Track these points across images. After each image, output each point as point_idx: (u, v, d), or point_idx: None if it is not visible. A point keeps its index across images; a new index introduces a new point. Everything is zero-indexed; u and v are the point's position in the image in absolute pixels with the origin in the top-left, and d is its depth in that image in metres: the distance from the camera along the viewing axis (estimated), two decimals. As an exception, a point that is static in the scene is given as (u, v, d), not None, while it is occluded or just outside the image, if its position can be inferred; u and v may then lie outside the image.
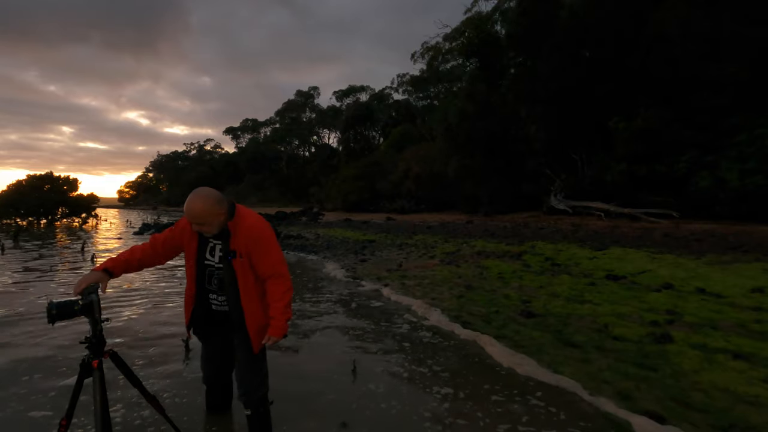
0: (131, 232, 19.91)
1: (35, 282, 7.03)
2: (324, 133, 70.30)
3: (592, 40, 21.23)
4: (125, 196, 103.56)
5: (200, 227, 1.96)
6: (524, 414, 2.60)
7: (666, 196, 17.93)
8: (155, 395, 2.00)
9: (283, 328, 2.00)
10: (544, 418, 2.55)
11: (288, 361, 3.50)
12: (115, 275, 1.97)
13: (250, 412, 2.12)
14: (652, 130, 18.03)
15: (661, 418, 2.44)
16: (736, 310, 4.65)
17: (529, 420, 2.53)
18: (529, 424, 2.49)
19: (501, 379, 3.13)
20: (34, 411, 2.61)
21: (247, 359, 2.11)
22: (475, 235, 14.80)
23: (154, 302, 5.59)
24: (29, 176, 25.43)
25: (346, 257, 10.19)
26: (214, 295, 2.14)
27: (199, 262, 2.12)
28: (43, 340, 3.95)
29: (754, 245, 9.94)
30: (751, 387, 2.81)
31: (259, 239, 2.01)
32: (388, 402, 2.78)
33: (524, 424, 2.49)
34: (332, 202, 41.15)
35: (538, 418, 2.56)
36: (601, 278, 6.56)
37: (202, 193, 1.92)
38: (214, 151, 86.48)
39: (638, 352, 3.50)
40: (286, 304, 2.02)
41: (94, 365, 1.71)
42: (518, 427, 2.45)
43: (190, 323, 2.23)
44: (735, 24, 16.49)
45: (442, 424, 2.50)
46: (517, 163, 25.76)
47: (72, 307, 1.68)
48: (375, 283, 6.78)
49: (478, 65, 30.94)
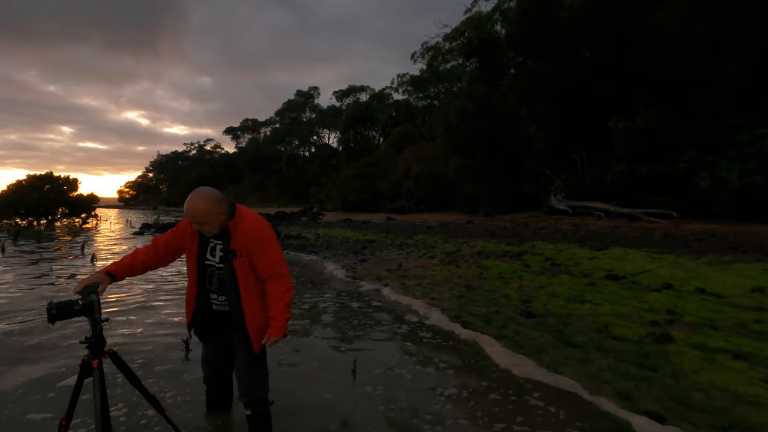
0: (131, 232, 19.91)
1: (35, 282, 7.03)
2: (324, 133, 70.35)
3: (592, 40, 21.23)
4: (125, 196, 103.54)
5: (200, 227, 1.96)
6: (524, 414, 2.60)
7: (666, 196, 17.93)
8: (155, 395, 2.01)
9: (283, 328, 2.00)
10: (544, 418, 2.55)
11: (288, 360, 3.50)
12: (118, 279, 1.98)
13: (250, 412, 2.12)
14: (652, 130, 18.03)
15: (661, 418, 2.44)
16: (736, 310, 4.65)
17: (528, 420, 2.53)
18: (528, 424, 2.49)
19: (501, 379, 3.13)
20: (32, 413, 2.61)
21: (247, 359, 2.11)
22: (475, 235, 14.80)
23: (153, 302, 5.59)
24: (29, 176, 25.45)
25: (346, 257, 10.19)
26: (215, 295, 2.14)
27: (200, 263, 2.12)
28: (43, 340, 3.95)
29: (754, 245, 9.94)
30: (751, 387, 2.81)
31: (259, 239, 2.01)
32: (388, 402, 2.78)
33: (524, 424, 2.49)
34: (332, 202, 41.14)
35: (538, 418, 2.55)
36: (601, 278, 6.55)
37: (203, 193, 1.92)
38: (214, 151, 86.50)
39: (638, 352, 3.50)
40: (286, 304, 2.02)
41: (94, 365, 1.71)
42: (518, 428, 2.45)
43: (191, 323, 2.23)
44: (735, 24, 16.49)
45: (442, 424, 2.50)
46: (517, 163, 25.76)
47: (72, 307, 1.68)
48: (375, 283, 6.77)
49: (478, 65, 30.94)
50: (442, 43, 40.33)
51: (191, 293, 2.18)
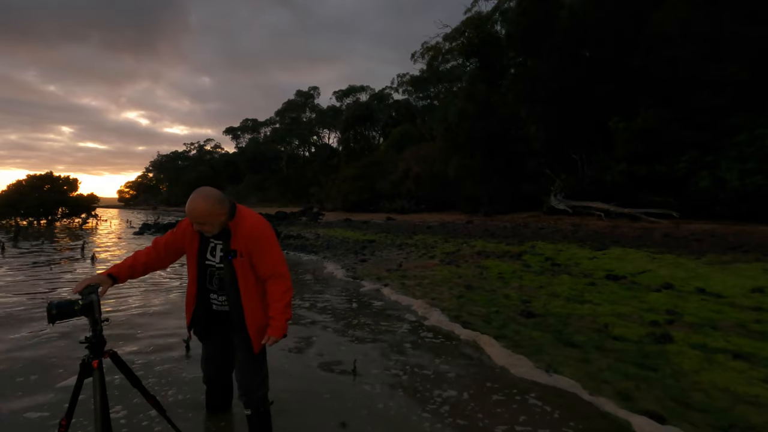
0: (131, 232, 19.91)
1: (34, 282, 7.03)
2: (324, 133, 70.36)
3: (592, 40, 21.24)
4: (125, 196, 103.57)
5: (201, 227, 1.97)
6: (524, 414, 2.60)
7: (666, 196, 17.94)
8: (155, 395, 2.01)
9: (283, 328, 2.00)
10: (544, 418, 2.55)
11: (288, 360, 3.50)
12: (119, 281, 2.00)
13: (250, 412, 2.13)
14: (652, 130, 18.03)
15: (661, 418, 2.44)
16: (736, 310, 4.65)
17: (528, 420, 2.53)
18: (528, 424, 2.49)
19: (500, 379, 3.13)
20: (30, 412, 2.61)
21: (247, 359, 2.11)
22: (475, 235, 14.80)
23: (153, 302, 5.59)
24: (29, 176, 25.41)
25: (346, 257, 10.19)
26: (215, 295, 2.14)
27: (200, 263, 2.13)
28: (42, 341, 3.95)
29: (754, 245, 9.94)
30: (751, 387, 2.81)
31: (259, 239, 2.01)
32: (388, 402, 2.78)
33: (523, 424, 2.49)
34: (332, 202, 41.15)
35: (538, 417, 2.55)
36: (601, 278, 6.55)
37: (204, 193, 1.93)
38: (214, 151, 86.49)
39: (638, 352, 3.50)
40: (286, 304, 2.02)
41: (94, 365, 1.72)
42: (517, 428, 2.45)
43: (191, 323, 2.24)
44: (735, 24, 16.49)
45: (442, 424, 2.50)
46: (517, 163, 25.76)
47: (72, 307, 1.68)
48: (375, 283, 6.77)
49: (478, 65, 30.95)
50: (442, 43, 40.35)
51: (191, 293, 2.18)
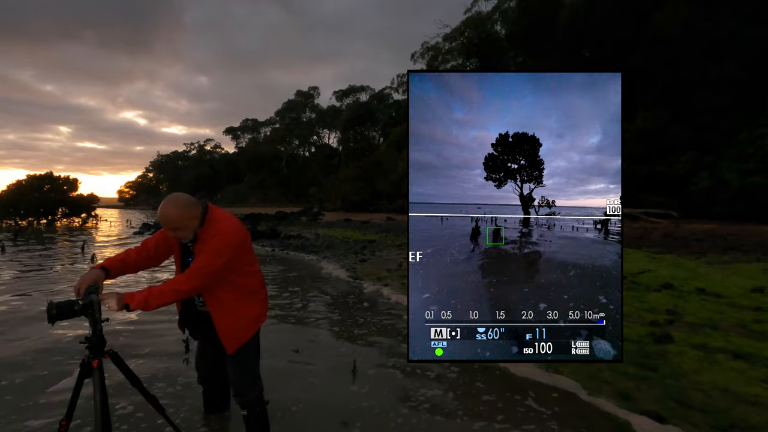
0: (131, 232, 19.91)
1: (34, 282, 7.03)
2: (324, 133, 70.36)
3: (592, 40, 21.25)
4: (125, 196, 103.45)
5: (175, 232, 1.96)
6: (523, 414, 2.60)
7: (666, 196, 17.94)
8: (155, 395, 2.01)
9: (134, 302, 1.79)
10: (545, 418, 2.55)
11: (288, 360, 3.50)
12: (111, 274, 1.98)
13: (246, 412, 2.14)
14: (652, 130, 18.04)
15: (661, 418, 2.45)
16: (736, 310, 4.66)
17: (528, 420, 2.53)
18: (528, 423, 2.49)
19: (500, 379, 3.13)
20: (31, 412, 2.61)
21: (229, 360, 2.13)
22: (475, 235, 14.77)
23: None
24: (29, 176, 25.45)
25: (346, 257, 10.19)
26: (197, 297, 2.17)
27: (183, 264, 2.15)
28: (40, 341, 3.95)
29: (754, 245, 9.94)
30: (751, 387, 2.81)
31: (209, 240, 1.95)
32: (388, 402, 2.78)
33: (523, 423, 2.49)
34: (332, 202, 41.17)
35: (538, 417, 2.55)
36: (601, 278, 6.55)
37: (173, 199, 1.94)
38: (214, 151, 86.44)
39: (638, 352, 3.50)
40: (169, 290, 1.88)
41: (94, 365, 1.72)
42: (517, 428, 2.45)
43: (180, 323, 2.29)
44: (735, 24, 16.50)
45: (442, 423, 2.50)
46: (517, 163, 25.73)
47: (72, 307, 1.69)
48: (375, 283, 6.77)
49: (478, 65, 30.95)
50: (442, 44, 40.29)
51: None
